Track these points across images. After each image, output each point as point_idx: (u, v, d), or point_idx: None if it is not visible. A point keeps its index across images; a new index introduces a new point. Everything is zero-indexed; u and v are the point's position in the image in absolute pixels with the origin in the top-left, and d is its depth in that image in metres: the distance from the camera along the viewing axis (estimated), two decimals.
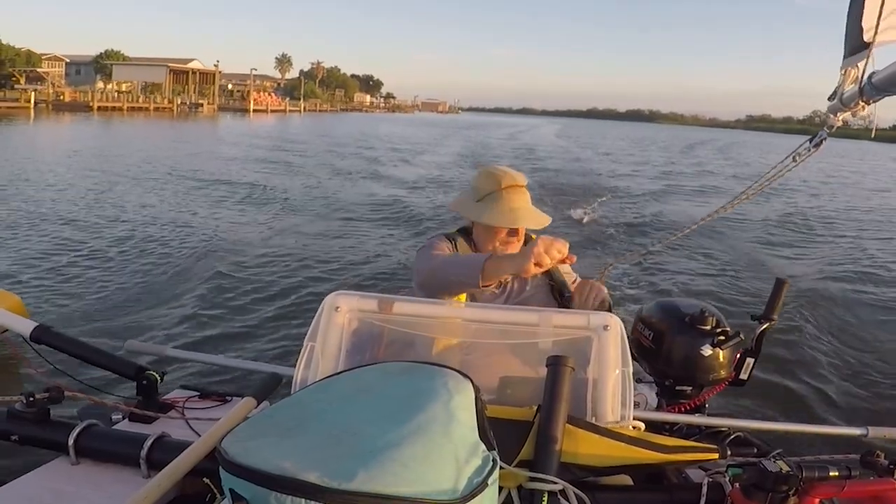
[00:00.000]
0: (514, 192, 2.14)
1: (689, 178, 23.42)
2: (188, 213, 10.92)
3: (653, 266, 8.49)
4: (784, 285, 2.38)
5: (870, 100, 2.31)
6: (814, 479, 1.29)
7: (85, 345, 2.00)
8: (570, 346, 1.54)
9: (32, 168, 15.55)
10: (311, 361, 1.51)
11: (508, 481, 1.25)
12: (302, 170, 19.24)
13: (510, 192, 2.14)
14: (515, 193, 2.15)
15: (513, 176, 2.17)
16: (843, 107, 2.52)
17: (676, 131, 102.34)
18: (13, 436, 1.54)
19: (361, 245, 9.22)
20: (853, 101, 2.41)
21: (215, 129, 42.45)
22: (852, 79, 2.46)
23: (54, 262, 7.33)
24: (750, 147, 56.29)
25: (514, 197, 2.14)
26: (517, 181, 2.16)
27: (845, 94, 2.48)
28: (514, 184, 2.15)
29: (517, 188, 2.16)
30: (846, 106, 2.48)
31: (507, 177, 2.15)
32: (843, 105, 2.51)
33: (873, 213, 16.22)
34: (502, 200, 2.12)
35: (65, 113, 48.53)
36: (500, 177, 2.15)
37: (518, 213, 2.12)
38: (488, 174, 2.19)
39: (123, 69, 71.74)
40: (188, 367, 3.96)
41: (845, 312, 7.05)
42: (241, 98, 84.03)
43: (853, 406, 4.68)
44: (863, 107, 2.39)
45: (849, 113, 2.53)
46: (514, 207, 2.12)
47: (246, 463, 0.97)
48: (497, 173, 2.17)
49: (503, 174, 2.17)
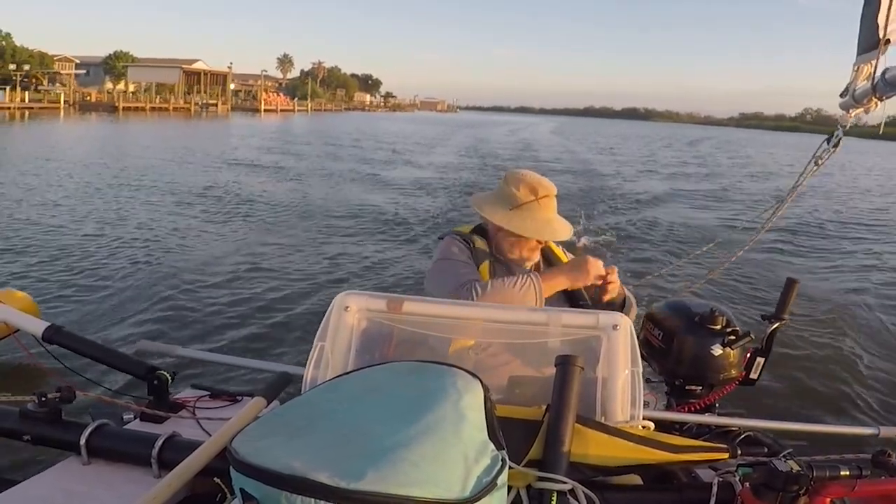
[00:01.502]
0: (548, 202, 2.17)
1: (665, 166, 25.28)
2: (201, 214, 10.98)
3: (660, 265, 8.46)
4: (795, 285, 2.37)
5: (883, 96, 2.31)
6: (825, 479, 1.29)
7: (96, 345, 2.02)
8: (579, 346, 1.54)
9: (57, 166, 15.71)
10: (321, 361, 1.52)
11: (517, 481, 1.25)
12: (324, 170, 19.50)
13: (545, 202, 2.16)
14: (550, 203, 2.17)
15: (546, 186, 2.18)
16: (855, 103, 2.51)
17: (671, 129, 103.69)
18: (25, 436, 1.55)
19: (373, 245, 9.23)
20: (866, 98, 2.40)
21: (237, 127, 44.28)
22: (865, 75, 2.45)
23: (67, 263, 7.38)
24: (740, 143, 57.56)
25: (548, 207, 2.16)
26: (550, 191, 2.18)
27: (857, 91, 2.48)
28: (549, 194, 2.17)
29: (551, 198, 2.18)
30: (859, 102, 2.48)
31: (541, 186, 2.16)
32: (855, 102, 2.50)
33: (884, 211, 16.12)
34: (538, 210, 2.14)
35: (91, 113, 51.41)
36: (536, 186, 2.15)
37: (553, 226, 2.15)
38: (524, 182, 2.17)
39: (138, 70, 73.31)
40: (199, 366, 3.98)
41: (856, 311, 7.00)
42: (249, 98, 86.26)
43: (865, 405, 4.65)
44: (875, 103, 2.39)
45: (861, 109, 2.52)
46: (549, 218, 2.15)
47: (256, 462, 0.97)
48: (533, 182, 2.17)
49: (538, 183, 2.17)
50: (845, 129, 2.62)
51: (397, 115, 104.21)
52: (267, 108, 77.32)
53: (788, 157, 34.56)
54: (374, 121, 69.11)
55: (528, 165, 17.69)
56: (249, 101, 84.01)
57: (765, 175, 24.84)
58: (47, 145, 23.24)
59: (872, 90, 2.33)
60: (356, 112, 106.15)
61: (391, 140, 35.42)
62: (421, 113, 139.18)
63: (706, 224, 12.46)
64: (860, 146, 47.65)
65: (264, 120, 59.13)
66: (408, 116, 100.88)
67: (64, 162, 17.40)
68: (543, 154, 30.16)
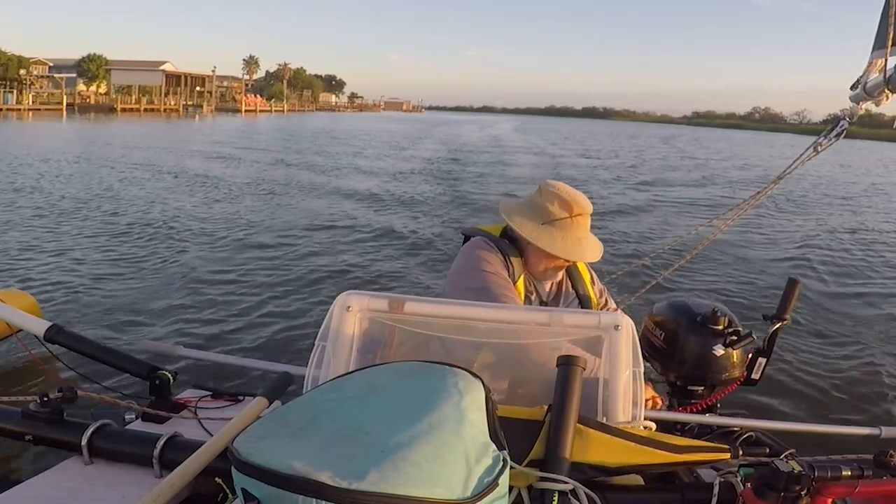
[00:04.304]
0: (582, 220, 2.11)
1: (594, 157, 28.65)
2: (204, 213, 10.98)
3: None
4: (796, 285, 2.37)
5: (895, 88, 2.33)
6: (826, 479, 1.29)
7: (98, 345, 2.02)
8: (580, 346, 1.54)
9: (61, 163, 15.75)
10: (323, 361, 1.52)
11: (519, 481, 1.25)
12: (307, 167, 19.80)
13: (578, 220, 2.10)
14: (583, 221, 2.11)
15: (581, 204, 2.11)
16: (867, 96, 2.53)
17: (625, 127, 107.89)
18: (27, 436, 1.55)
19: (376, 244, 9.24)
20: (878, 90, 2.42)
21: (235, 126, 46.78)
22: (878, 68, 2.47)
23: (69, 262, 7.39)
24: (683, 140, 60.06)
25: (582, 225, 2.10)
26: (585, 209, 2.12)
27: (869, 84, 2.49)
28: (583, 212, 2.11)
29: (585, 217, 2.12)
30: (870, 95, 2.50)
31: (577, 204, 2.10)
32: (866, 94, 2.52)
33: (888, 212, 16.11)
34: (570, 229, 2.08)
35: (91, 113, 54.94)
36: (572, 204, 2.09)
37: (584, 246, 2.09)
38: (559, 198, 2.11)
39: (121, 73, 76.23)
40: (200, 366, 3.98)
41: (859, 312, 7.00)
42: (229, 99, 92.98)
43: (866, 406, 4.65)
44: (887, 96, 2.40)
45: (871, 102, 2.54)
46: (580, 238, 2.09)
47: (258, 462, 0.97)
48: (568, 199, 2.10)
49: (574, 201, 2.10)
50: (852, 121, 2.64)
51: (364, 115, 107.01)
52: (247, 109, 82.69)
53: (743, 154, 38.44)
54: (347, 120, 72.63)
55: (504, 157, 19.07)
56: (230, 102, 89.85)
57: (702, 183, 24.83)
58: (53, 143, 24.00)
59: (885, 82, 2.35)
60: (325, 112, 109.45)
61: (382, 137, 39.54)
62: (388, 113, 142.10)
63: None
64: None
65: (248, 119, 62.52)
66: (377, 116, 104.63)
67: (69, 156, 17.81)
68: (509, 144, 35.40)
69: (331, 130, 46.19)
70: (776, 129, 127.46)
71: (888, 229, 13.06)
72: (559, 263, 2.14)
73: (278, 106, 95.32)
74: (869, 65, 2.55)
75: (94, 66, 74.70)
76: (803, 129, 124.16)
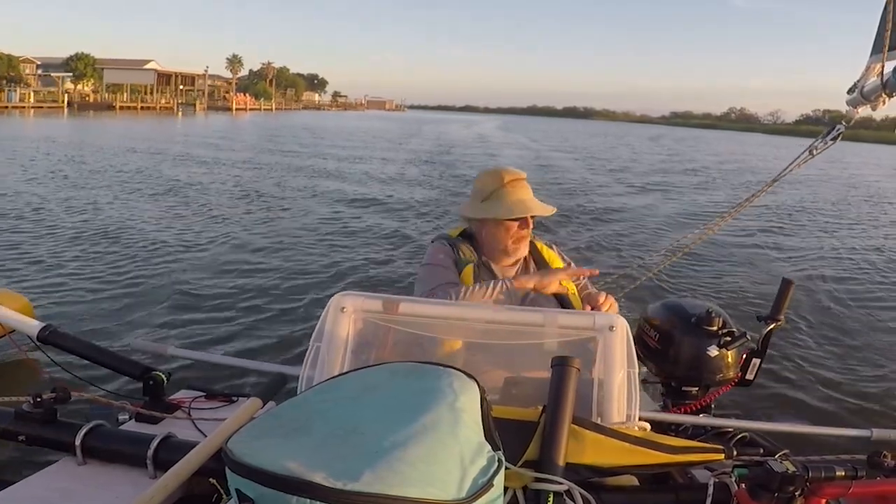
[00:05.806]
0: (518, 185, 2.18)
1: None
2: (197, 213, 10.96)
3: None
4: (791, 286, 2.37)
5: (893, 92, 2.34)
6: (820, 480, 1.29)
7: (92, 345, 2.01)
8: (575, 347, 1.54)
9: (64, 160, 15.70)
10: (317, 362, 1.51)
11: (514, 482, 1.24)
12: (324, 168, 19.93)
13: (514, 185, 2.18)
14: (520, 186, 2.19)
15: (512, 171, 2.21)
16: (863, 100, 2.54)
17: (606, 127, 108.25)
18: (20, 436, 1.54)
19: (372, 245, 9.23)
20: (875, 94, 2.43)
21: (232, 124, 48.16)
22: (875, 72, 2.47)
23: (62, 263, 7.36)
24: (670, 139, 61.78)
25: (519, 189, 2.17)
26: (518, 174, 2.20)
27: (866, 87, 2.50)
28: (517, 177, 2.19)
29: (520, 181, 2.20)
30: (867, 99, 2.50)
31: (507, 172, 2.19)
32: (863, 98, 2.53)
33: (883, 215, 16.17)
34: (509, 194, 2.15)
35: (90, 111, 57.23)
36: (502, 173, 2.19)
37: (527, 203, 2.16)
38: (489, 173, 2.23)
39: (114, 72, 77.61)
40: (194, 367, 3.97)
41: (852, 313, 7.03)
42: (220, 97, 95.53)
43: (859, 407, 4.67)
44: (884, 100, 2.41)
45: (868, 106, 2.55)
46: (522, 198, 2.16)
47: (252, 463, 0.97)
48: (497, 170, 2.22)
49: (503, 170, 2.21)
50: (849, 124, 2.64)
51: (349, 114, 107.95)
52: (238, 107, 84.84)
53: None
54: (334, 118, 74.48)
55: (487, 150, 19.68)
56: (220, 100, 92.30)
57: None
58: (58, 139, 24.48)
59: (882, 86, 2.36)
60: (310, 111, 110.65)
61: (373, 136, 41.08)
62: (371, 111, 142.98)
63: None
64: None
65: (242, 117, 64.57)
66: (361, 115, 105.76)
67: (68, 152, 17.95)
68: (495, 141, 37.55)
69: (322, 128, 47.49)
70: (749, 129, 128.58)
71: (880, 234, 13.11)
72: (514, 232, 2.18)
73: (267, 105, 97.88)
74: (867, 69, 2.56)
75: (81, 65, 75.45)
76: (775, 129, 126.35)
